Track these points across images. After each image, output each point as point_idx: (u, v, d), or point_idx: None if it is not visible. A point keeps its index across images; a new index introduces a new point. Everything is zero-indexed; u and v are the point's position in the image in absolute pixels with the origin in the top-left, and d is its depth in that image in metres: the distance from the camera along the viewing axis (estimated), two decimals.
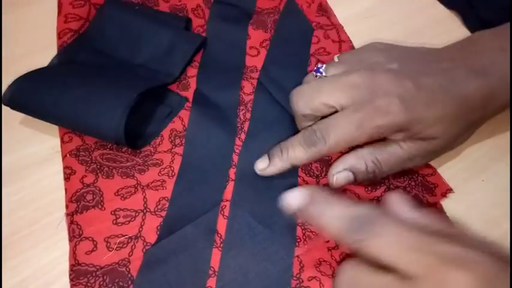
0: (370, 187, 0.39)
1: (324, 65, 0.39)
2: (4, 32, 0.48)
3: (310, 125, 0.37)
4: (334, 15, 0.51)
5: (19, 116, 0.41)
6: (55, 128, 0.41)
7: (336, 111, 0.36)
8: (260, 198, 0.38)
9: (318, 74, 0.39)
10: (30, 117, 0.40)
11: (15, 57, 0.46)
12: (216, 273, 0.34)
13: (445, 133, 0.35)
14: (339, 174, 0.36)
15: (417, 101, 0.34)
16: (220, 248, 0.35)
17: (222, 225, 0.36)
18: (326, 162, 0.40)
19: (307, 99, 0.36)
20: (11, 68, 0.44)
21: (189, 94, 0.44)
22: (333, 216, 0.29)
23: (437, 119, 0.34)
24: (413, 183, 0.39)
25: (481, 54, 0.36)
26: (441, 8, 0.52)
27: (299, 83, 0.41)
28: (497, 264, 0.24)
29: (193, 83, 0.45)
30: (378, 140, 0.36)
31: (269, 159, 0.38)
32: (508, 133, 0.43)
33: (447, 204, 0.38)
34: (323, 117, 0.36)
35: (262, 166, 0.38)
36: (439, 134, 0.34)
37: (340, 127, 0.34)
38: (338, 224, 0.28)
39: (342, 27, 0.50)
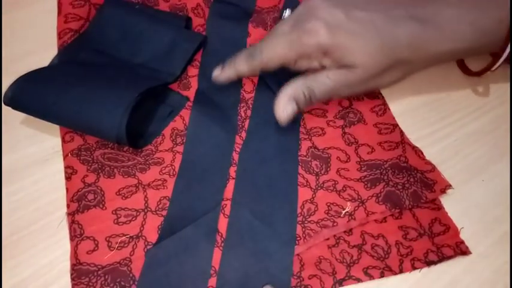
0: (369, 184, 0.39)
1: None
2: (4, 32, 0.48)
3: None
4: None
5: (19, 116, 0.41)
6: (55, 128, 0.40)
7: None
8: (260, 196, 0.38)
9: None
10: (30, 117, 0.40)
11: (15, 57, 0.46)
12: (217, 272, 0.34)
13: (365, 63, 0.38)
14: (286, 107, 0.39)
15: (343, 29, 0.37)
16: (221, 247, 0.35)
17: (223, 224, 0.36)
18: (325, 160, 0.40)
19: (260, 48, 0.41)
20: (11, 68, 0.44)
21: (190, 93, 0.44)
22: None
23: (359, 47, 0.37)
24: (412, 180, 0.38)
25: (426, 4, 0.39)
26: None
27: None
28: None
29: (194, 83, 0.45)
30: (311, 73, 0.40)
31: (222, 69, 0.43)
32: (508, 133, 0.43)
33: (447, 204, 0.38)
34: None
35: (216, 73, 0.43)
36: (359, 63, 0.38)
37: (275, 44, 0.40)
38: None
39: None
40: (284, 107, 0.39)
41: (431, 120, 0.44)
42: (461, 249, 0.35)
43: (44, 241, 0.35)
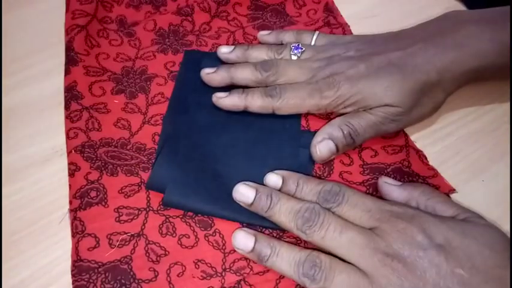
0: (371, 189, 0.36)
1: (303, 49, 0.40)
2: (4, 32, 0.45)
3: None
4: (341, 15, 0.47)
5: (19, 116, 0.39)
6: (55, 128, 0.38)
7: None
8: None
9: (295, 51, 0.40)
10: (30, 117, 0.39)
11: (15, 57, 0.43)
12: (219, 273, 0.31)
13: (397, 99, 0.35)
14: (320, 144, 0.35)
15: (363, 78, 0.36)
16: (222, 250, 0.32)
17: (224, 225, 0.33)
18: (328, 163, 0.37)
19: (275, 71, 0.38)
20: (10, 68, 0.42)
21: None
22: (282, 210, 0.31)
23: (384, 89, 0.35)
24: None
25: (444, 27, 0.37)
26: (440, 8, 0.48)
27: None
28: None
29: None
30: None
31: (230, 93, 0.38)
32: (508, 133, 0.40)
33: None
34: None
35: (220, 95, 0.38)
36: (392, 101, 0.35)
37: (295, 90, 0.37)
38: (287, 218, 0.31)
39: (349, 26, 0.46)
40: (319, 145, 0.35)
41: (432, 119, 0.40)
42: None
43: (44, 241, 0.33)
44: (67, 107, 0.38)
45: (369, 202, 0.30)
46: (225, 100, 0.38)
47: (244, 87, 0.38)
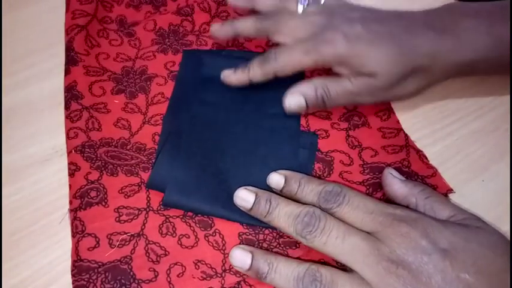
0: (371, 189, 0.35)
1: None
2: (4, 32, 0.45)
3: None
4: None
5: (19, 116, 0.39)
6: (55, 128, 0.38)
7: None
8: None
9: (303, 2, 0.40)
10: (30, 117, 0.38)
11: (15, 57, 0.43)
12: (219, 274, 0.31)
13: (384, 70, 0.35)
14: (291, 97, 0.37)
15: (361, 39, 0.35)
16: (222, 251, 0.32)
17: (224, 226, 0.33)
18: (328, 163, 0.37)
19: (274, 28, 0.39)
20: (11, 68, 0.41)
21: None
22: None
23: (378, 56, 0.35)
24: None
25: (445, 17, 0.37)
26: None
27: None
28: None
29: None
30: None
31: (235, 70, 0.40)
32: (508, 133, 0.40)
33: None
34: None
35: (226, 73, 0.40)
36: (378, 70, 0.35)
37: (291, 50, 0.37)
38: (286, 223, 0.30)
39: None
40: (288, 99, 0.37)
41: (432, 119, 0.41)
42: None
43: (44, 241, 0.33)
44: (67, 107, 0.38)
45: (370, 204, 0.30)
46: (231, 77, 0.39)
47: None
